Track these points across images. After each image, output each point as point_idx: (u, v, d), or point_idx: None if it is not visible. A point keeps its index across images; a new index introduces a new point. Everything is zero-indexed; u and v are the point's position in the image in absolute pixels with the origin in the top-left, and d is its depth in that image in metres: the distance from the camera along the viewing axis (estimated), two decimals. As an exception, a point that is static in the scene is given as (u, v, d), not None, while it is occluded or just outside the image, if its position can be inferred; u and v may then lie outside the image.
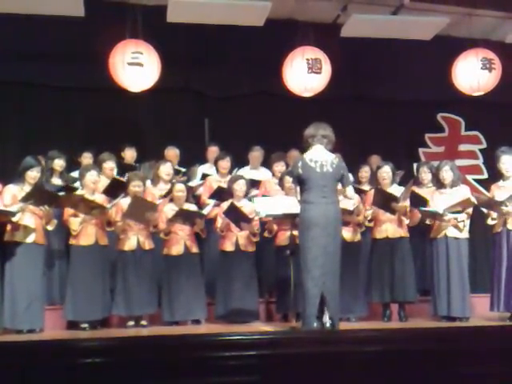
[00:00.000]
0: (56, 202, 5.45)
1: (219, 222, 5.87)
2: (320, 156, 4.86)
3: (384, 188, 5.90)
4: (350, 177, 6.52)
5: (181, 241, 5.78)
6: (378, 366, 3.41)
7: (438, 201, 5.75)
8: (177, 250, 5.77)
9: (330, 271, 4.71)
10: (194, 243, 5.85)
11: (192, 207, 5.92)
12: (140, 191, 5.74)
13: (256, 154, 6.78)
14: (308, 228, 4.72)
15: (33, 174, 5.37)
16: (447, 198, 5.72)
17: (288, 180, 5.70)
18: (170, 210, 5.76)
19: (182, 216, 5.71)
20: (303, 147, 5.05)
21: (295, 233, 5.20)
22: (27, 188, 5.34)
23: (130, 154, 6.76)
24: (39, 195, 5.30)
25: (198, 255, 5.91)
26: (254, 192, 6.31)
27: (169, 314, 5.70)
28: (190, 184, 6.34)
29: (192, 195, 6.24)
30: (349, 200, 5.85)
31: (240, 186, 5.86)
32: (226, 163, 6.48)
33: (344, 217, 5.59)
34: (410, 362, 3.49)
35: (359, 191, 6.08)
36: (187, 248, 5.79)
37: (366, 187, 6.21)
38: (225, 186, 6.13)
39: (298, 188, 4.92)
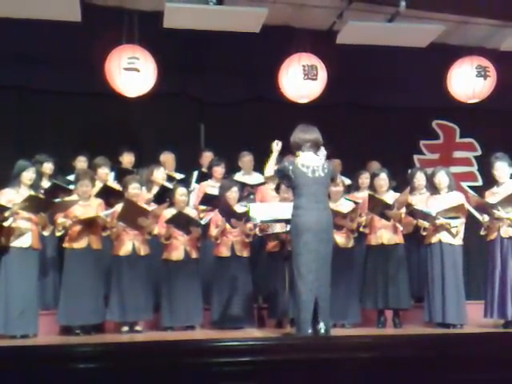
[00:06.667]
0: (51, 208, 5.44)
1: (213, 230, 5.87)
2: (311, 161, 4.86)
3: (381, 195, 5.91)
4: (348, 181, 6.59)
5: (180, 246, 5.78)
6: (373, 373, 3.41)
7: (432, 205, 5.77)
8: (177, 255, 5.78)
9: (323, 277, 4.72)
10: (193, 248, 5.85)
11: (192, 213, 5.92)
12: (138, 194, 5.74)
13: (247, 158, 6.77)
14: (300, 234, 4.71)
15: (29, 175, 5.38)
16: (441, 202, 5.75)
17: (284, 190, 5.68)
18: (169, 214, 5.75)
19: (179, 220, 5.69)
20: (291, 152, 5.06)
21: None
22: (23, 190, 5.34)
23: (127, 159, 6.75)
24: (34, 203, 5.29)
25: (198, 261, 5.91)
26: (248, 199, 6.31)
27: (168, 319, 5.69)
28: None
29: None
30: (344, 204, 5.89)
31: (233, 194, 5.87)
32: (221, 169, 6.51)
33: (337, 220, 5.61)
34: (405, 369, 3.49)
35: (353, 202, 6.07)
36: (187, 253, 5.79)
37: (365, 193, 6.21)
38: (213, 192, 6.13)
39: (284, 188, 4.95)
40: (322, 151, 5.00)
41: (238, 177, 6.63)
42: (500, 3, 6.63)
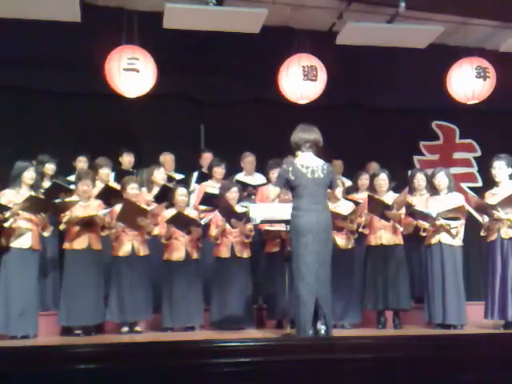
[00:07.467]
0: (51, 208, 5.44)
1: (213, 231, 5.87)
2: (311, 162, 4.85)
3: (380, 195, 5.92)
4: (349, 182, 6.59)
5: (181, 247, 5.78)
6: (373, 374, 3.41)
7: (432, 206, 5.77)
8: (178, 255, 5.77)
9: (323, 278, 4.71)
10: (194, 249, 5.84)
11: (192, 213, 5.91)
12: (136, 194, 5.74)
13: (249, 159, 6.78)
14: (301, 235, 4.70)
15: (29, 175, 5.37)
16: (441, 203, 5.75)
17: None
18: (169, 214, 5.75)
19: (179, 220, 5.69)
20: (291, 152, 5.04)
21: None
22: (23, 191, 5.34)
23: (127, 160, 6.76)
24: (35, 203, 5.29)
25: (198, 261, 5.90)
26: (249, 199, 6.31)
27: (169, 319, 5.69)
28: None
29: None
30: (344, 205, 5.89)
31: (233, 195, 5.86)
32: (221, 170, 6.51)
33: (337, 222, 5.61)
34: (405, 370, 3.49)
35: (354, 202, 6.06)
36: (188, 254, 5.79)
37: (365, 194, 6.20)
38: (214, 191, 6.14)
39: (285, 191, 4.95)
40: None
41: (240, 177, 6.63)
42: (499, 4, 6.64)
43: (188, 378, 3.36)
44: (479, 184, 8.08)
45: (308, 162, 4.83)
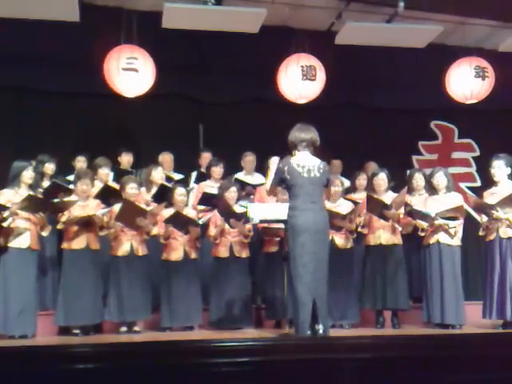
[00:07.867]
0: (50, 208, 5.44)
1: (212, 230, 5.87)
2: (307, 161, 4.83)
3: (379, 195, 5.92)
4: (348, 182, 6.59)
5: (180, 246, 5.78)
6: (372, 373, 3.41)
7: (431, 206, 5.77)
8: (176, 255, 5.77)
9: (320, 277, 4.71)
10: (193, 249, 5.85)
11: (191, 213, 5.91)
12: (135, 194, 5.74)
13: (250, 158, 6.79)
14: (298, 234, 4.69)
15: (29, 174, 5.36)
16: (439, 203, 5.75)
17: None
18: (168, 214, 5.75)
19: (177, 220, 5.69)
20: (289, 151, 5.03)
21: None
22: (22, 191, 5.33)
23: (126, 159, 6.76)
24: (33, 203, 5.29)
25: (197, 261, 5.90)
26: (248, 199, 6.31)
27: (168, 319, 5.69)
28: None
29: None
30: (343, 205, 5.89)
31: (232, 194, 5.87)
32: (219, 169, 6.52)
33: (336, 221, 5.62)
34: (404, 369, 3.49)
35: (353, 202, 6.06)
36: (186, 254, 5.79)
37: (363, 194, 6.21)
38: (213, 191, 6.14)
39: (283, 191, 4.95)
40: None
41: (240, 176, 6.63)
42: (498, 4, 6.64)
43: (186, 377, 3.36)
44: (478, 184, 8.09)
45: (304, 162, 4.82)
